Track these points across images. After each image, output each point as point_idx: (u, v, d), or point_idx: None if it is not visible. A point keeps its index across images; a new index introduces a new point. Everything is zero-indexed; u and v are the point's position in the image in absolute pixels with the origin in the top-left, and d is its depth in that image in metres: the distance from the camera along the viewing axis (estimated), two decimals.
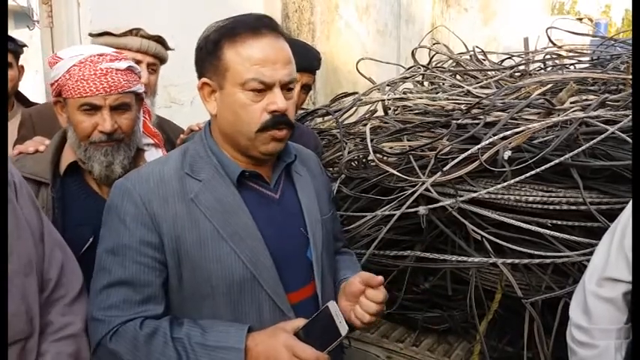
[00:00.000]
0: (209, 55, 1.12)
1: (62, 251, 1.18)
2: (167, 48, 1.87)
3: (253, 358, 1.02)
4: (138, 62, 1.65)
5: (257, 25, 1.10)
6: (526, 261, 1.79)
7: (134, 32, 1.75)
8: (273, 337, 1.03)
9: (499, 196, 1.82)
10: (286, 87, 1.12)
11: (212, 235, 1.10)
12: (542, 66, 2.95)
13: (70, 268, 1.18)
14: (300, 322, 1.06)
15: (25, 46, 2.32)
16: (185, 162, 1.15)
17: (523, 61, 2.90)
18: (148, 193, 1.10)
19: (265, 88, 1.09)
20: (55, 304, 1.13)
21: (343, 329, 1.00)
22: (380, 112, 2.67)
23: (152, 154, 1.58)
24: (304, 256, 1.19)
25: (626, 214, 1.28)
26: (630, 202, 1.28)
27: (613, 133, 1.75)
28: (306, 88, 2.07)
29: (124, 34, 1.74)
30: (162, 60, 1.86)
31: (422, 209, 1.89)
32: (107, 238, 1.12)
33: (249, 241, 1.11)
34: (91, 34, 1.84)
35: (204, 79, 1.14)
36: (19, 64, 2.28)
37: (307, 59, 2.02)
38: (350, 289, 1.18)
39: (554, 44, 2.93)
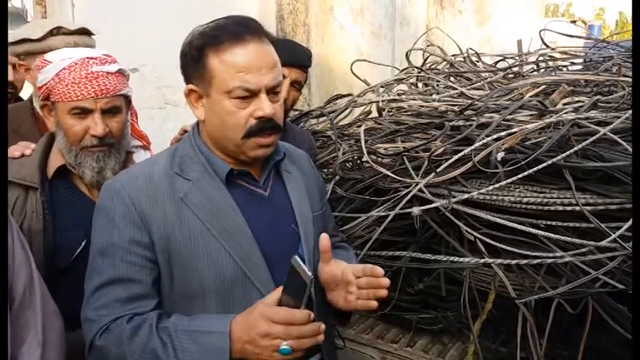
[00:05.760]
0: (194, 62, 1.12)
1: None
2: (91, 34, 1.79)
3: (236, 339, 1.01)
4: None
5: (240, 31, 1.10)
6: (520, 262, 1.80)
7: (54, 32, 1.69)
8: (250, 313, 1.03)
9: (492, 197, 1.83)
10: (273, 91, 1.12)
11: (202, 233, 1.10)
12: (535, 68, 2.97)
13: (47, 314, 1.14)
14: (279, 290, 1.04)
15: None
16: (174, 162, 1.16)
17: (516, 63, 2.92)
18: (136, 193, 1.11)
19: (251, 94, 1.10)
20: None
21: (307, 278, 0.97)
22: (374, 114, 2.68)
23: (140, 157, 1.57)
24: (296, 253, 1.19)
25: None
26: None
27: (605, 134, 1.76)
28: (297, 85, 2.04)
29: (45, 37, 1.68)
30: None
31: (415, 210, 1.89)
32: (97, 238, 1.13)
33: (239, 238, 1.12)
34: (10, 43, 1.73)
35: (190, 86, 1.15)
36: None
37: (295, 54, 2.01)
38: (344, 278, 1.15)
39: (548, 46, 2.95)
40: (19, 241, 1.11)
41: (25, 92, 2.44)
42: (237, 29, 1.10)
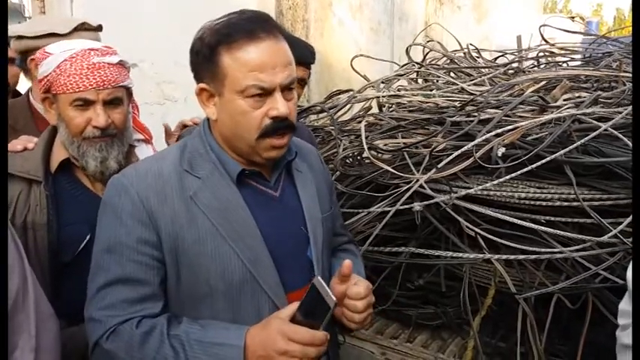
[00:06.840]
0: (205, 60, 1.09)
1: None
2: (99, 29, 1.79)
3: (251, 352, 1.00)
4: None
5: (254, 28, 1.07)
6: (520, 257, 1.81)
7: (79, 27, 1.67)
8: (266, 327, 1.02)
9: (493, 193, 1.83)
10: (287, 88, 1.10)
11: (211, 233, 1.08)
12: (535, 64, 2.97)
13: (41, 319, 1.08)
14: (294, 306, 1.03)
15: None
16: (184, 158, 1.13)
17: (516, 59, 2.92)
18: (145, 190, 1.08)
19: (265, 93, 1.07)
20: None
21: (331, 301, 0.97)
22: (374, 110, 2.68)
23: (142, 150, 1.56)
24: (304, 256, 1.18)
25: None
26: None
27: (606, 129, 1.76)
28: (302, 82, 2.03)
29: (72, 32, 1.65)
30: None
31: (416, 206, 1.89)
32: (103, 235, 1.10)
33: (248, 239, 1.10)
34: (33, 37, 1.68)
35: (202, 85, 1.11)
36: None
37: (300, 52, 2.01)
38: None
39: (547, 42, 2.95)
40: (13, 240, 1.06)
41: (22, 87, 2.43)
42: (251, 26, 1.07)
